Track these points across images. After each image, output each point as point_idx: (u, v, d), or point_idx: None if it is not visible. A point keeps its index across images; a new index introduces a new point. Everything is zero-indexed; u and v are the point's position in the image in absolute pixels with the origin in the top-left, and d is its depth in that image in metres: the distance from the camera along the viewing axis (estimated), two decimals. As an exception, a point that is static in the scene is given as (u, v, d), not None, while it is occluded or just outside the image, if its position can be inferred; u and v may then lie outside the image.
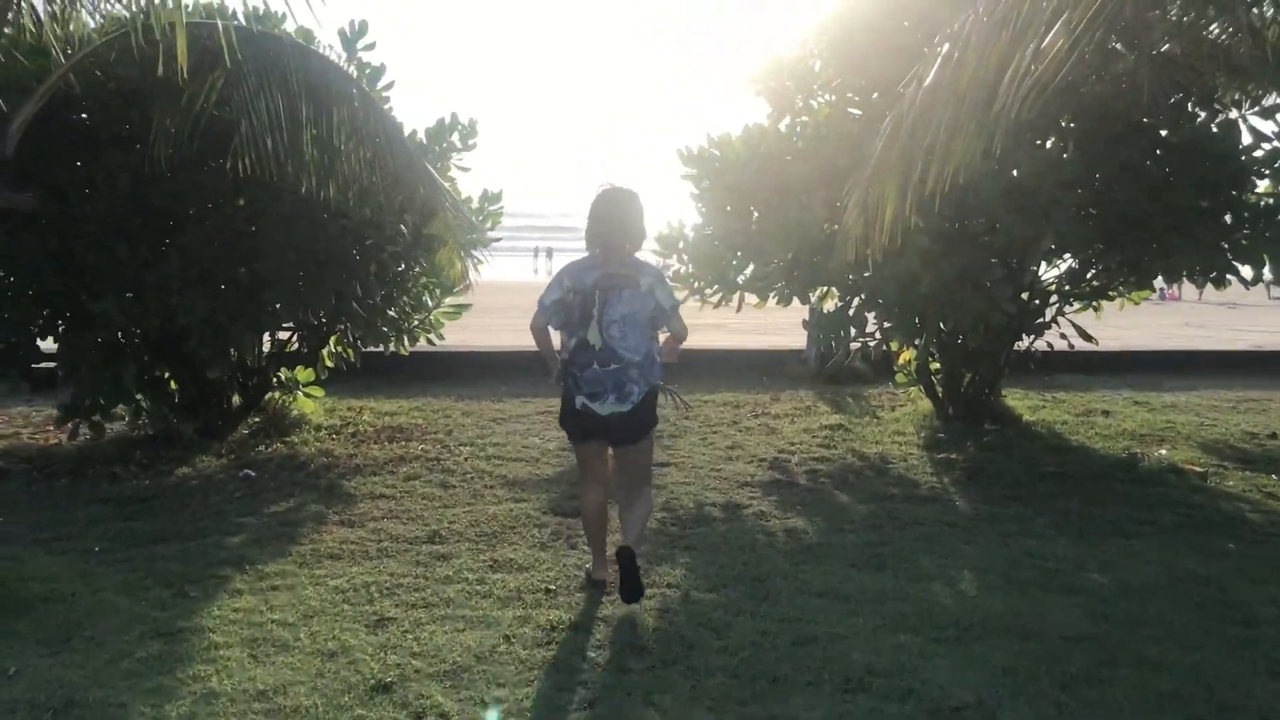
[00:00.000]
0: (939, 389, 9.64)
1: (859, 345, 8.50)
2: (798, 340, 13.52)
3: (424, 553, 5.81)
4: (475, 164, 9.12)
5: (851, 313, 8.27)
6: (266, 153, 5.63)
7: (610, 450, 5.11)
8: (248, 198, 7.39)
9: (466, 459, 8.07)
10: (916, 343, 8.21)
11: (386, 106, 8.22)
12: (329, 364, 9.28)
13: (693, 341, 5.59)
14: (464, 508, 6.75)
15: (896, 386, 10.62)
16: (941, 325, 8.19)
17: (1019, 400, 10.49)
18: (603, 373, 4.75)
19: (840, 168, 8.12)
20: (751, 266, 8.61)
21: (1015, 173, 7.47)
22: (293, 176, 5.89)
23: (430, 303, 9.32)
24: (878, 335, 8.60)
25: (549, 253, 55.35)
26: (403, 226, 7.66)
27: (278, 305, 7.32)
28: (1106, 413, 10.20)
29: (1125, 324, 9.30)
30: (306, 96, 5.94)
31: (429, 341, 9.60)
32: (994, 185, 7.30)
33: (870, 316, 8.54)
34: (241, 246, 7.29)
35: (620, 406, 4.80)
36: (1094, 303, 9.47)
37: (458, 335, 12.20)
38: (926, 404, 9.99)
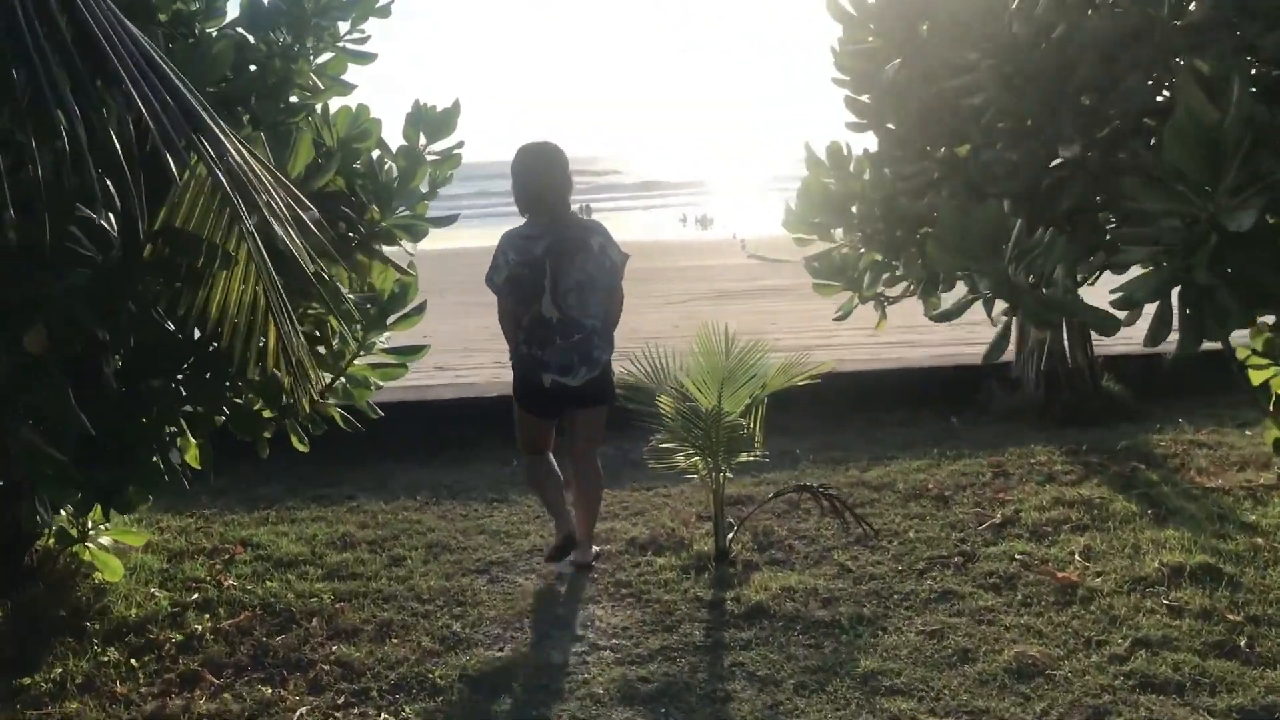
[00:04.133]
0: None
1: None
2: (975, 338, 8.66)
3: None
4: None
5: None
6: None
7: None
8: None
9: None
10: None
11: None
12: (164, 473, 4.52)
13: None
14: None
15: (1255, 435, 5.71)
16: None
17: None
18: (567, 345, 4.58)
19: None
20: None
21: None
22: None
23: (341, 347, 4.57)
24: None
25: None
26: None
27: None
28: None
29: None
30: None
31: (340, 422, 4.83)
32: None
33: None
34: None
35: (592, 373, 4.65)
36: None
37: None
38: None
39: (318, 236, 2.73)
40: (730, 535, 4.92)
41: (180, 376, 3.63)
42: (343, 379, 4.77)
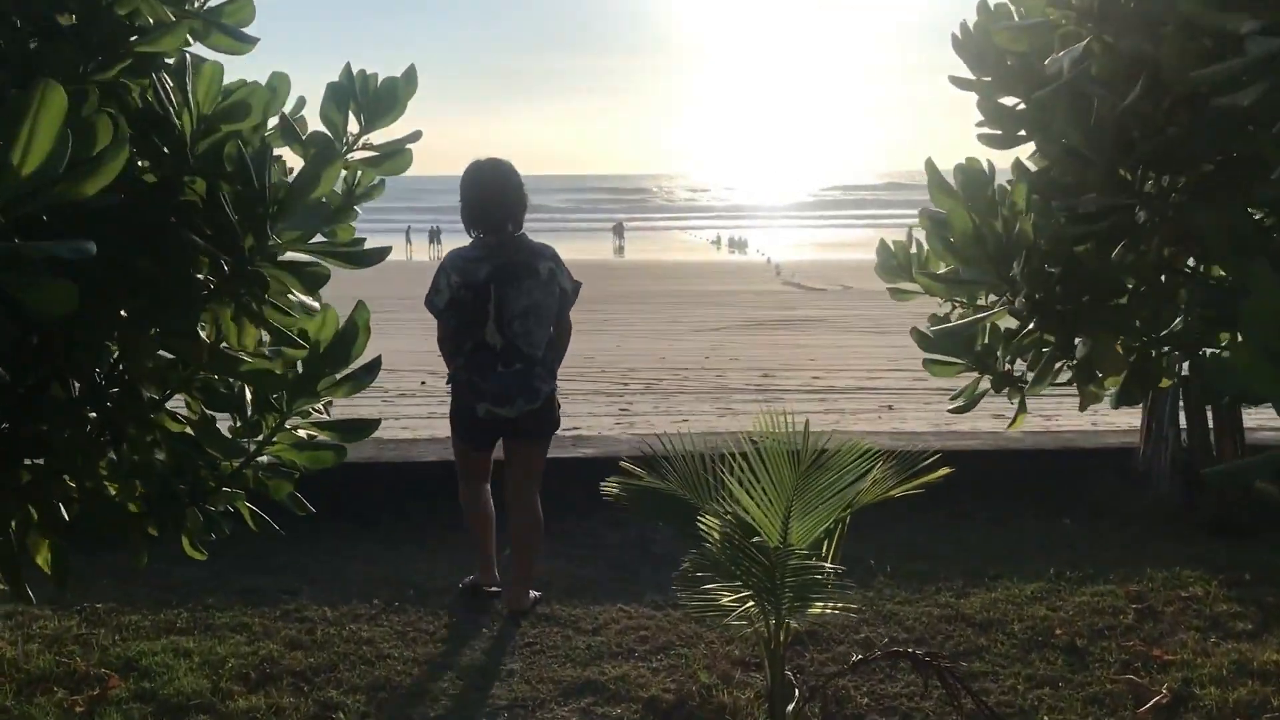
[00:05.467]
0: None
1: None
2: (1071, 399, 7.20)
3: None
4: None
5: None
6: None
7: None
8: None
9: None
10: None
11: None
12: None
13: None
14: None
15: None
16: None
17: None
18: (508, 374, 4.34)
19: None
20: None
21: None
22: None
23: (261, 418, 3.19)
24: None
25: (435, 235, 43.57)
26: None
27: None
28: None
29: None
30: None
31: (250, 521, 3.42)
32: None
33: None
34: None
35: (530, 404, 4.37)
36: None
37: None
38: None
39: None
40: (792, 707, 3.48)
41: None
42: (262, 459, 3.40)
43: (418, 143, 2.69)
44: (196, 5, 2.44)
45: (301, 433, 3.38)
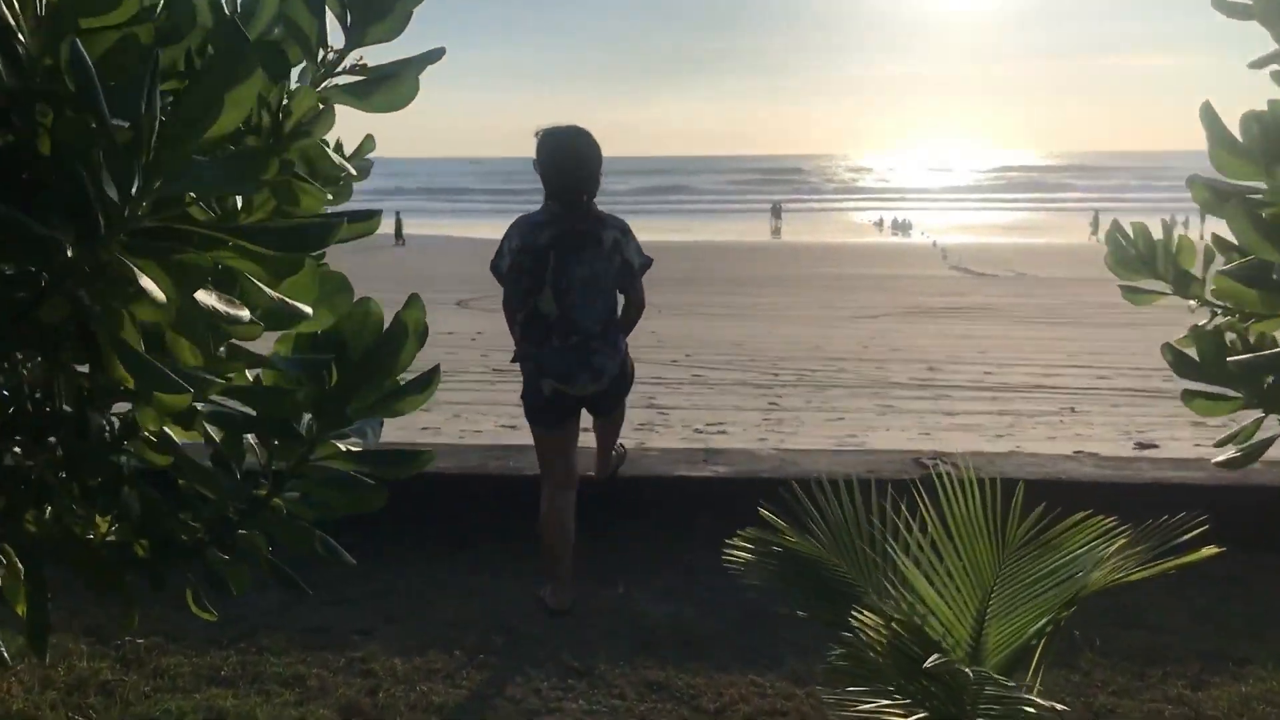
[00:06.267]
0: None
1: None
2: None
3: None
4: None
5: None
6: None
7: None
8: None
9: None
10: None
11: None
12: None
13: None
14: None
15: None
16: None
17: None
18: (565, 349, 4.22)
19: None
20: None
21: None
22: None
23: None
24: None
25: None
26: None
27: None
28: None
29: None
30: None
31: (266, 569, 2.64)
32: None
33: None
34: None
35: (596, 385, 4.28)
36: None
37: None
38: None
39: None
40: None
41: None
42: (293, 494, 2.64)
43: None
44: None
45: (334, 464, 2.61)
